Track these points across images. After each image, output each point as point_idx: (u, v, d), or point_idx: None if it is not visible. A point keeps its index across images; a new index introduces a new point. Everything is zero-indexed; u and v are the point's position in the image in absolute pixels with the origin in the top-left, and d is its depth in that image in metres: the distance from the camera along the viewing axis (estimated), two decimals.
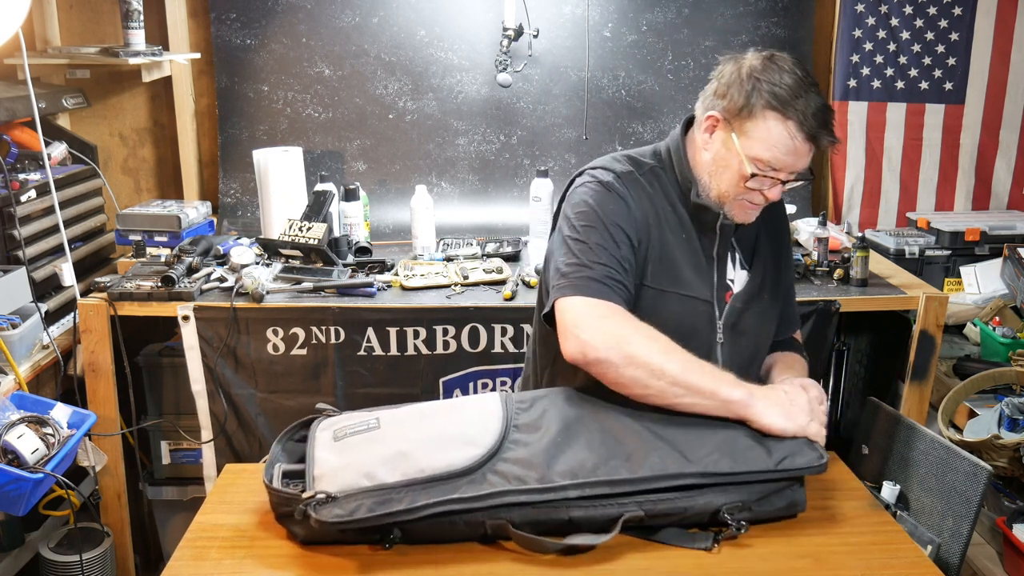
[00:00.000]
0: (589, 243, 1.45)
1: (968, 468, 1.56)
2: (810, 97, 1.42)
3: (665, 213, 1.53)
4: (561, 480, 1.25)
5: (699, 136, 1.52)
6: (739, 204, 1.50)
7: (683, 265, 1.52)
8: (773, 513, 1.33)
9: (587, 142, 3.00)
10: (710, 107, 1.50)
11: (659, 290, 1.50)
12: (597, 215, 1.47)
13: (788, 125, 1.41)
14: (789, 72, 1.43)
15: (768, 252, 1.62)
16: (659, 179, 1.55)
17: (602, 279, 1.42)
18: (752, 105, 1.43)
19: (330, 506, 1.23)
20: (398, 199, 2.97)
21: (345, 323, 2.23)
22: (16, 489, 1.79)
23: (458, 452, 1.28)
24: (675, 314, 1.50)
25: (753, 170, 1.44)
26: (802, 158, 1.45)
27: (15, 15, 2.01)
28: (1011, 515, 2.06)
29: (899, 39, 3.02)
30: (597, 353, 1.35)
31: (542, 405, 1.39)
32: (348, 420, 1.40)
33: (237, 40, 2.90)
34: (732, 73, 1.47)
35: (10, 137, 2.45)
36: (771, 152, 1.43)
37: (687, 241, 1.53)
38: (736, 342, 1.56)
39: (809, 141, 1.43)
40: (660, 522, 1.30)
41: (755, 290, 1.58)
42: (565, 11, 2.94)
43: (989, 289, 2.77)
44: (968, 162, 3.12)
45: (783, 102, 1.41)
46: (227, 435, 2.31)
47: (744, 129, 1.45)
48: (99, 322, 2.21)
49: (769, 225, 1.63)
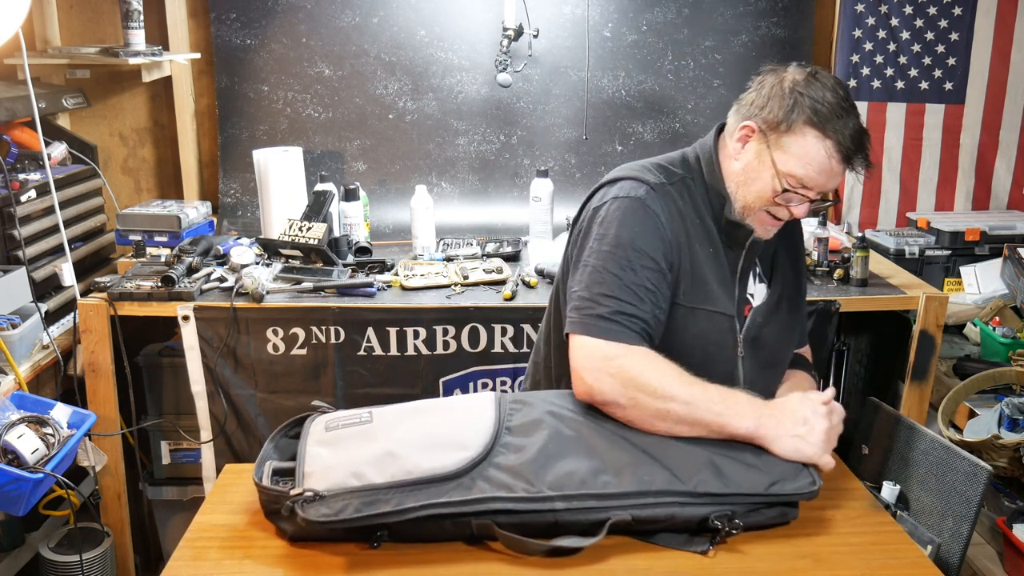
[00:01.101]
0: (607, 272, 1.42)
1: (968, 468, 1.56)
2: (850, 119, 1.41)
3: (695, 228, 1.49)
4: (549, 491, 1.24)
5: (731, 145, 1.50)
6: (761, 218, 1.48)
7: (711, 280, 1.49)
8: (763, 522, 1.33)
9: (587, 142, 3.00)
10: (747, 116, 1.47)
11: (690, 308, 1.47)
12: (620, 240, 1.43)
13: (827, 144, 1.40)
14: (832, 91, 1.41)
15: (787, 266, 1.61)
16: (689, 191, 1.51)
17: (612, 316, 1.39)
18: (792, 120, 1.41)
19: (317, 505, 1.23)
20: (398, 199, 2.97)
21: (345, 323, 2.22)
22: (16, 489, 1.79)
23: (448, 455, 1.27)
24: (703, 330, 1.49)
25: (785, 186, 1.43)
26: (834, 179, 1.44)
27: (15, 15, 2.01)
28: (1011, 515, 2.06)
29: (899, 39, 3.02)
30: (604, 397, 1.36)
31: (537, 408, 1.38)
32: (342, 414, 1.41)
33: (237, 40, 2.90)
34: (774, 85, 1.44)
35: (10, 137, 2.45)
36: (805, 169, 1.41)
37: (714, 255, 1.50)
38: (756, 356, 1.54)
39: (844, 163, 1.42)
40: (648, 527, 1.29)
41: (774, 304, 1.56)
42: (565, 11, 2.94)
43: (989, 289, 2.77)
44: (968, 162, 3.12)
45: (824, 120, 1.39)
46: (227, 435, 2.31)
47: (781, 143, 1.42)
48: (99, 322, 2.21)
49: (788, 240, 1.61)
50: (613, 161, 3.03)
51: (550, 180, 2.71)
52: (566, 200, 2.95)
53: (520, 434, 1.32)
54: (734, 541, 1.29)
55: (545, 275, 2.41)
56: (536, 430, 1.33)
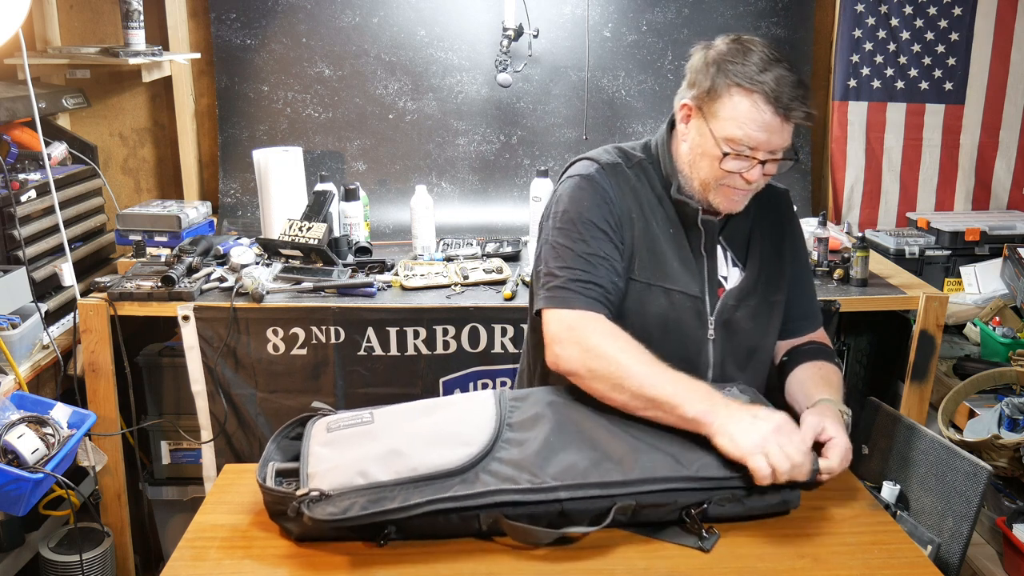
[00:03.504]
0: (560, 247, 1.49)
1: (968, 468, 1.56)
2: (776, 71, 1.40)
3: (652, 207, 1.53)
4: (553, 482, 1.25)
5: (679, 128, 1.53)
6: (722, 191, 1.49)
7: (670, 259, 1.51)
8: (765, 509, 1.33)
9: (587, 142, 3.00)
10: (682, 96, 1.51)
11: (645, 284, 1.50)
12: (570, 215, 1.50)
13: (754, 98, 1.40)
14: (756, 51, 1.42)
15: (766, 248, 1.59)
16: (646, 173, 1.55)
17: (568, 285, 1.45)
18: (718, 85, 1.43)
19: (323, 504, 1.23)
20: (398, 199, 2.97)
21: (345, 323, 2.23)
22: (16, 489, 1.79)
23: (451, 451, 1.28)
24: (661, 308, 1.51)
25: (726, 149, 1.43)
26: (776, 134, 1.42)
27: (15, 15, 2.01)
28: (1011, 515, 2.06)
29: (899, 39, 3.02)
30: (568, 365, 1.41)
31: (536, 403, 1.39)
32: (342, 416, 1.41)
33: (237, 40, 2.90)
34: (699, 60, 1.48)
35: (10, 137, 2.45)
36: (742, 129, 1.41)
37: (674, 236, 1.53)
38: (730, 339, 1.55)
39: (779, 115, 1.40)
40: (651, 514, 1.29)
41: (749, 287, 1.56)
42: (565, 11, 2.94)
43: (989, 289, 2.77)
44: (968, 162, 3.12)
45: (747, 78, 1.40)
46: (227, 435, 2.31)
47: (713, 111, 1.44)
48: (99, 322, 2.22)
49: (765, 220, 1.60)
50: None
51: (550, 180, 2.70)
52: None
53: (521, 429, 1.34)
54: (734, 541, 1.29)
55: None
56: (537, 424, 1.34)
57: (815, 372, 1.59)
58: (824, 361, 1.62)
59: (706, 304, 1.53)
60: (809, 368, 1.60)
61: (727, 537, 1.30)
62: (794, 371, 1.61)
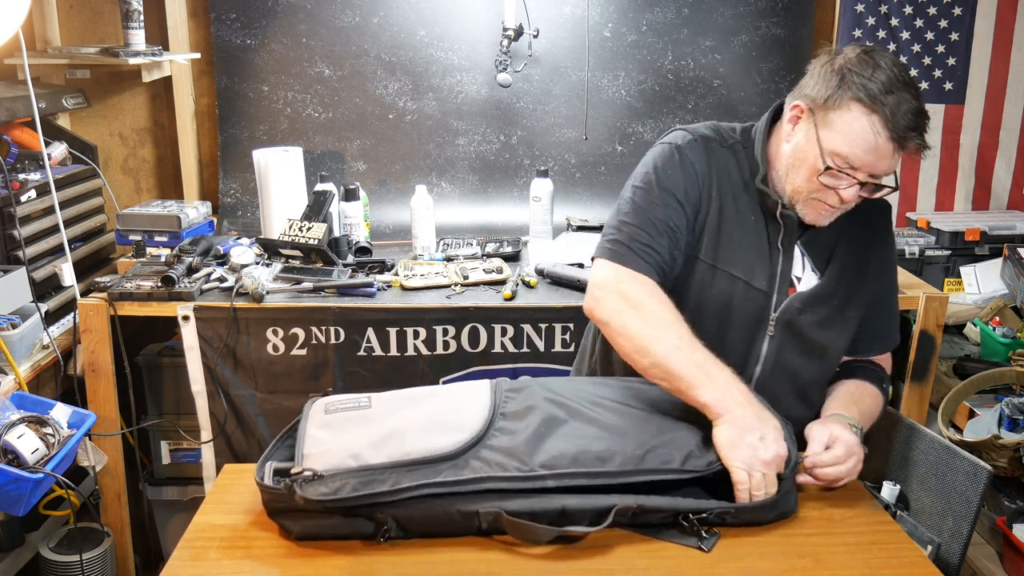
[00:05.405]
0: (634, 204, 1.49)
1: (968, 468, 1.56)
2: (902, 95, 1.34)
3: (736, 191, 1.50)
4: (541, 470, 1.26)
5: (784, 127, 1.48)
6: (812, 204, 1.44)
7: (742, 246, 1.48)
8: (762, 517, 1.33)
9: (587, 142, 3.00)
10: (797, 96, 1.45)
11: (710, 265, 1.48)
12: (651, 178, 1.50)
13: (873, 120, 1.34)
14: (885, 69, 1.36)
15: (850, 260, 1.53)
16: (738, 156, 1.53)
17: (628, 242, 1.46)
18: (839, 95, 1.37)
19: (316, 484, 1.25)
20: (398, 199, 2.97)
21: (345, 323, 2.23)
22: (16, 489, 1.79)
23: (444, 437, 1.29)
24: (722, 293, 1.48)
25: (829, 163, 1.38)
26: (884, 159, 1.37)
27: (15, 15, 2.01)
28: (1011, 515, 2.06)
29: (899, 39, 3.02)
30: (603, 314, 1.43)
31: (531, 396, 1.40)
32: (341, 398, 1.43)
33: (237, 40, 2.90)
34: (825, 64, 1.42)
35: (10, 137, 2.45)
36: (851, 147, 1.36)
37: (755, 225, 1.49)
38: (789, 341, 1.51)
39: (894, 141, 1.35)
40: (652, 518, 1.29)
41: (822, 295, 1.51)
42: (565, 11, 2.94)
43: (989, 289, 2.77)
44: (968, 162, 3.12)
45: (871, 94, 1.34)
46: (227, 435, 2.31)
47: (827, 120, 1.38)
48: (99, 322, 2.22)
49: (855, 231, 1.54)
50: (613, 161, 3.03)
51: (550, 180, 2.71)
52: (566, 200, 2.95)
53: (514, 419, 1.35)
54: (734, 541, 1.29)
55: (545, 275, 2.41)
56: (529, 415, 1.35)
57: (852, 389, 1.56)
58: (865, 381, 1.58)
59: (772, 300, 1.49)
60: (848, 385, 1.58)
61: (727, 537, 1.30)
62: (835, 385, 1.59)
